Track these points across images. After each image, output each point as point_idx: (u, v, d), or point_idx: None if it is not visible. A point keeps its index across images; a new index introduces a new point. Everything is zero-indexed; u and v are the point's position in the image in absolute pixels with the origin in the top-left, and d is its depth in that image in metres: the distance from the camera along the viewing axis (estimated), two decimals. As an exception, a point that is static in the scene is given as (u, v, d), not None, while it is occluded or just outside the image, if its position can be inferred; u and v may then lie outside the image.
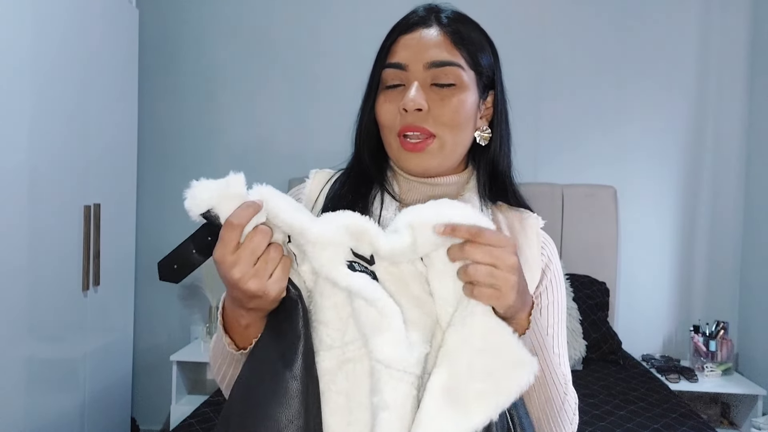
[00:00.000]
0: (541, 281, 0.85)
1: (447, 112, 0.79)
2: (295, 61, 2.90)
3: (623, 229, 2.79)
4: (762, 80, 2.69)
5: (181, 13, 2.94)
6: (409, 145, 0.79)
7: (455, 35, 0.80)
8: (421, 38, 0.80)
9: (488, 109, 0.87)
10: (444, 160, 0.82)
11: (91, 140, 2.14)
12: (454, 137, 0.80)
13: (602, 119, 2.83)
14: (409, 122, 0.78)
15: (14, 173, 1.75)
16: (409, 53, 0.80)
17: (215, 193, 0.64)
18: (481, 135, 0.85)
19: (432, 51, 0.79)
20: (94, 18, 2.13)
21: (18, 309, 1.79)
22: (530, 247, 0.85)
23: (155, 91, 2.92)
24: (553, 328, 0.85)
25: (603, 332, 2.45)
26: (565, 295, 0.89)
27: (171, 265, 0.66)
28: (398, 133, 0.80)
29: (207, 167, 2.94)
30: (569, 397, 0.80)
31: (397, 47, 0.81)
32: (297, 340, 0.65)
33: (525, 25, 2.83)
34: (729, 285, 2.80)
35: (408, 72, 0.80)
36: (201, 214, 0.64)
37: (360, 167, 0.87)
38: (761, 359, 2.58)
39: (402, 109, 0.78)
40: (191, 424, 1.80)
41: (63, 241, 1.99)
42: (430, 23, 0.81)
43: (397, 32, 0.83)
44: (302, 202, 0.88)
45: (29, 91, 1.81)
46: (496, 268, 0.63)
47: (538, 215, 0.89)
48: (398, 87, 0.81)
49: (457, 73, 0.79)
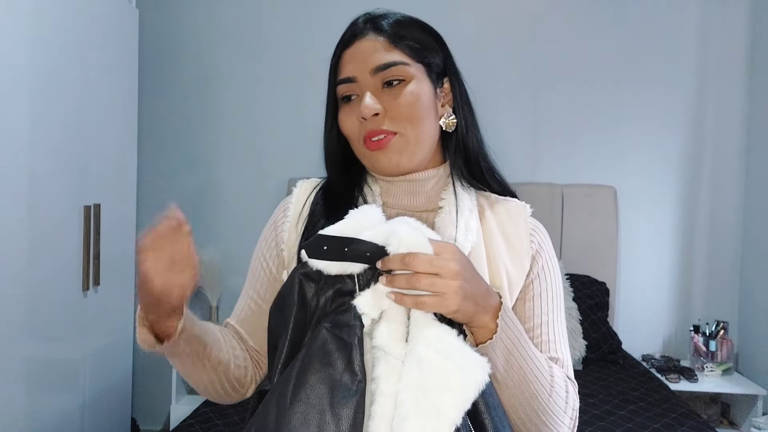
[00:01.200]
0: (531, 269, 0.86)
1: (402, 107, 0.82)
2: (295, 61, 2.90)
3: (623, 229, 2.79)
4: (762, 79, 2.69)
5: (181, 13, 2.94)
6: (372, 144, 0.82)
7: (392, 37, 0.84)
8: (361, 48, 0.84)
9: (447, 95, 0.88)
10: (413, 154, 0.84)
11: (91, 140, 2.13)
12: (415, 130, 0.83)
13: (602, 119, 2.83)
14: (370, 128, 0.82)
15: (14, 173, 1.75)
16: (354, 65, 0.84)
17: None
18: (446, 122, 0.87)
19: (373, 57, 0.83)
20: (94, 18, 2.13)
21: (18, 309, 1.79)
22: (519, 236, 0.87)
23: (155, 91, 2.92)
24: (547, 315, 0.85)
25: (603, 332, 2.45)
26: (561, 281, 0.90)
27: (322, 246, 0.69)
28: (363, 141, 0.83)
29: (207, 167, 2.94)
30: (557, 388, 0.79)
31: (342, 63, 0.86)
32: (351, 394, 0.66)
33: (523, 25, 2.83)
34: (729, 285, 2.80)
35: (358, 83, 0.83)
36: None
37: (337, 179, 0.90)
38: (761, 359, 2.58)
39: (361, 118, 0.82)
40: (191, 424, 1.80)
41: (63, 242, 1.99)
42: (367, 32, 0.85)
43: (340, 48, 0.87)
44: (290, 213, 0.91)
45: (29, 92, 1.81)
46: (438, 277, 0.66)
47: (526, 203, 0.90)
48: (354, 98, 0.84)
49: (402, 69, 0.82)
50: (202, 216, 2.92)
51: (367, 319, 0.69)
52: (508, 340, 0.74)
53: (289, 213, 0.91)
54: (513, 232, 0.87)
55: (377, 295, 0.69)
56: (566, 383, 0.82)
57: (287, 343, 0.70)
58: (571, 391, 0.82)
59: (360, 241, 0.68)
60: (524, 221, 0.88)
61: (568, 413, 0.80)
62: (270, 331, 0.77)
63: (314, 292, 0.71)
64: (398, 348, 0.67)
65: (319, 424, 0.63)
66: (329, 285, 0.71)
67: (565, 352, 0.86)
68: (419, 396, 0.63)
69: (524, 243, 0.86)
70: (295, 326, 0.71)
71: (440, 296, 0.66)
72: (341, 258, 0.68)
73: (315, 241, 0.69)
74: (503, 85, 2.80)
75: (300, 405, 0.64)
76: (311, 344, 0.68)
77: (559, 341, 0.86)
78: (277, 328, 0.75)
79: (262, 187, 2.90)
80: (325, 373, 0.66)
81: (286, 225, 0.90)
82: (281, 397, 0.66)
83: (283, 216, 0.92)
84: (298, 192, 0.93)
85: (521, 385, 0.76)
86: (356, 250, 0.68)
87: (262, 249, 0.93)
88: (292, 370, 0.67)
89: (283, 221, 0.91)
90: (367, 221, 0.71)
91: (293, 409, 0.64)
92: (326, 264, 0.69)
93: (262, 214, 3.73)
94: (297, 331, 0.71)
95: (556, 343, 0.85)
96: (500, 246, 0.85)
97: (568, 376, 0.84)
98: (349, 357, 0.66)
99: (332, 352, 0.67)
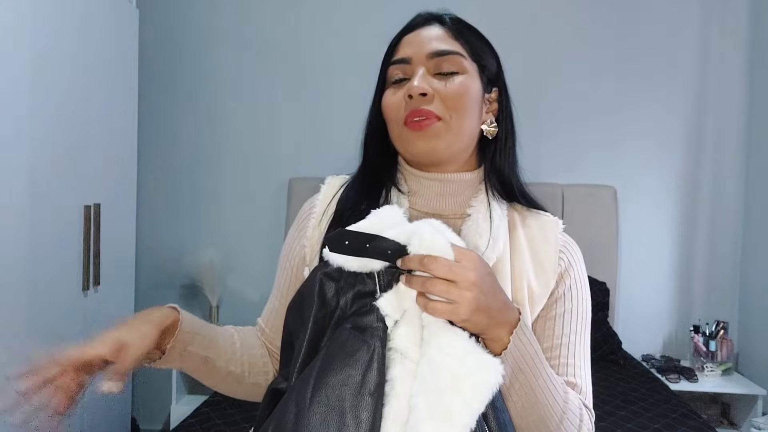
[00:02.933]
0: (558, 287, 0.83)
1: (451, 94, 0.80)
2: (295, 61, 2.90)
3: (623, 229, 2.79)
4: (762, 79, 2.69)
5: (181, 13, 2.94)
6: (414, 125, 0.79)
7: (455, 30, 0.84)
8: (423, 34, 0.84)
9: (493, 104, 0.87)
10: (451, 143, 0.81)
11: (91, 140, 2.13)
12: (459, 119, 0.80)
13: (602, 119, 2.83)
14: (415, 107, 0.79)
15: (14, 173, 1.75)
16: (412, 48, 0.83)
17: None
18: (488, 129, 0.85)
19: (433, 43, 0.82)
20: (94, 18, 2.13)
21: (18, 309, 1.79)
22: (548, 252, 0.84)
23: (155, 91, 2.92)
24: (569, 337, 0.82)
25: (603, 332, 2.45)
26: (589, 304, 0.86)
27: (344, 240, 0.67)
28: (404, 121, 0.81)
29: (207, 167, 2.94)
30: (570, 415, 0.75)
31: (400, 46, 0.85)
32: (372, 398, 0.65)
33: (525, 25, 2.83)
34: (729, 285, 2.80)
35: (412, 65, 0.82)
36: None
37: (369, 168, 0.88)
38: (761, 359, 2.58)
39: (407, 96, 0.80)
40: (191, 424, 1.80)
41: (63, 241, 1.99)
42: (431, 23, 0.85)
43: (401, 34, 0.86)
44: (315, 210, 0.90)
45: (29, 91, 1.81)
46: (454, 284, 0.64)
47: (558, 218, 0.88)
48: (404, 81, 0.83)
49: (458, 60, 0.82)
50: (202, 216, 2.93)
51: (391, 320, 0.68)
52: (521, 358, 0.71)
53: (315, 210, 0.90)
54: (542, 248, 0.84)
55: (399, 296, 0.68)
56: (581, 411, 0.78)
57: (305, 343, 0.69)
58: (586, 420, 0.78)
59: (382, 238, 0.67)
60: (555, 237, 0.85)
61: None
62: (286, 328, 0.76)
63: (334, 291, 0.70)
64: (415, 351, 0.67)
65: (338, 427, 0.62)
66: (350, 285, 0.70)
67: (585, 378, 0.82)
68: (432, 400, 0.63)
69: (552, 260, 0.83)
70: (314, 326, 0.70)
71: (452, 304, 0.64)
72: (362, 254, 0.67)
73: (337, 235, 0.68)
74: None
75: (320, 406, 0.63)
76: (332, 344, 0.67)
77: (580, 366, 0.82)
78: (294, 326, 0.74)
79: (263, 187, 2.89)
80: (346, 375, 0.65)
81: (311, 222, 0.89)
82: (300, 397, 0.64)
83: (308, 214, 0.91)
84: (326, 189, 0.91)
85: (529, 407, 0.73)
86: (377, 246, 0.67)
87: (288, 247, 0.92)
88: (311, 370, 0.66)
89: (308, 219, 0.90)
90: (390, 221, 0.70)
91: (312, 410, 0.63)
92: (346, 259, 0.68)
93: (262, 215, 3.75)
94: (316, 330, 0.70)
95: (575, 368, 0.81)
96: (526, 261, 0.83)
97: (585, 404, 0.80)
98: (370, 359, 0.65)
99: (353, 354, 0.66)
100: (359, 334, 0.67)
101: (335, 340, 0.67)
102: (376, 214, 0.71)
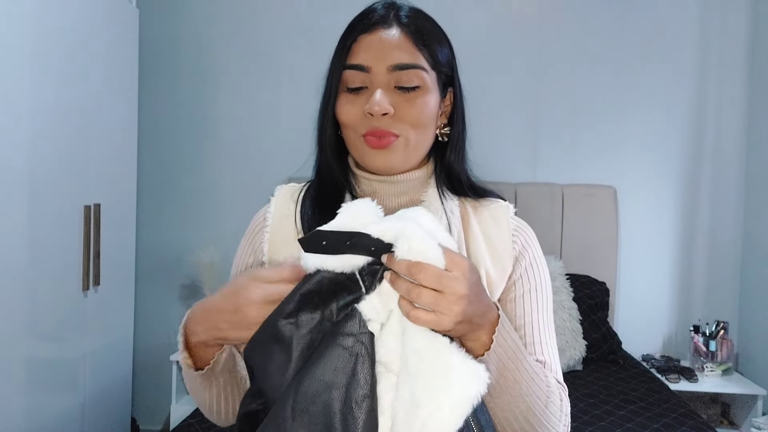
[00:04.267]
0: (514, 270, 0.84)
1: (412, 114, 0.79)
2: (295, 60, 2.90)
3: (623, 229, 2.79)
4: (762, 79, 2.69)
5: (181, 13, 2.94)
6: (374, 141, 0.79)
7: (416, 35, 0.80)
8: (383, 39, 0.79)
9: (447, 107, 0.87)
10: (407, 158, 0.82)
11: (91, 140, 2.14)
12: (417, 136, 0.81)
13: (602, 119, 2.83)
14: (375, 126, 0.78)
15: (14, 173, 1.75)
16: (371, 55, 0.79)
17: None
18: (441, 132, 0.86)
19: (395, 53, 0.78)
20: (94, 18, 2.13)
21: (18, 309, 1.79)
22: (501, 238, 0.85)
23: (155, 91, 2.92)
24: (531, 315, 0.83)
25: (603, 332, 2.45)
26: (548, 281, 0.87)
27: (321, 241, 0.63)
28: (363, 135, 0.80)
29: (207, 167, 2.94)
30: (552, 398, 0.77)
31: (358, 47, 0.80)
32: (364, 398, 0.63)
33: (524, 25, 2.83)
34: (729, 285, 2.80)
35: (371, 74, 0.79)
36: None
37: (326, 170, 0.88)
38: (761, 359, 2.58)
39: (367, 113, 0.78)
40: (191, 424, 1.80)
41: (63, 241, 1.99)
42: (391, 22, 0.80)
43: (358, 31, 0.81)
44: (268, 223, 0.88)
45: (29, 91, 1.81)
46: (442, 296, 0.61)
47: (510, 204, 0.89)
48: (361, 89, 0.80)
49: (420, 75, 0.79)
50: (202, 216, 2.93)
51: (375, 324, 0.64)
52: (504, 355, 0.71)
53: (268, 223, 0.88)
54: (495, 234, 0.84)
55: (383, 298, 0.64)
56: (560, 391, 0.80)
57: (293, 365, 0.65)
58: (564, 398, 0.80)
59: (363, 234, 0.62)
60: (506, 221, 0.86)
61: (562, 420, 0.79)
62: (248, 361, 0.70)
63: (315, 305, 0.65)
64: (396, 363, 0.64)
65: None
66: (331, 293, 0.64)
67: (552, 355, 0.84)
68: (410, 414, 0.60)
69: (506, 244, 0.84)
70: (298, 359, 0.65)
71: (437, 314, 0.61)
72: (342, 251, 0.63)
73: (313, 235, 0.63)
74: (503, 85, 2.80)
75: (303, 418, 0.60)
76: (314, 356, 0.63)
77: (546, 343, 0.83)
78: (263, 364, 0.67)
79: (263, 186, 2.89)
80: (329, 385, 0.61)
81: (266, 236, 0.87)
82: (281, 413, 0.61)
83: (261, 228, 0.88)
84: (276, 200, 0.90)
85: (516, 399, 0.73)
86: (359, 243, 0.62)
87: (240, 262, 0.90)
88: (290, 388, 0.62)
89: (261, 233, 0.88)
90: (367, 216, 0.65)
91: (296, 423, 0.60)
92: (324, 259, 0.63)
93: (262, 214, 3.64)
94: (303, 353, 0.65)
95: (542, 345, 0.83)
96: (482, 248, 0.83)
97: (558, 381, 0.82)
98: (353, 370, 0.62)
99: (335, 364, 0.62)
100: (341, 342, 0.63)
101: (317, 351, 0.63)
102: (349, 208, 0.66)
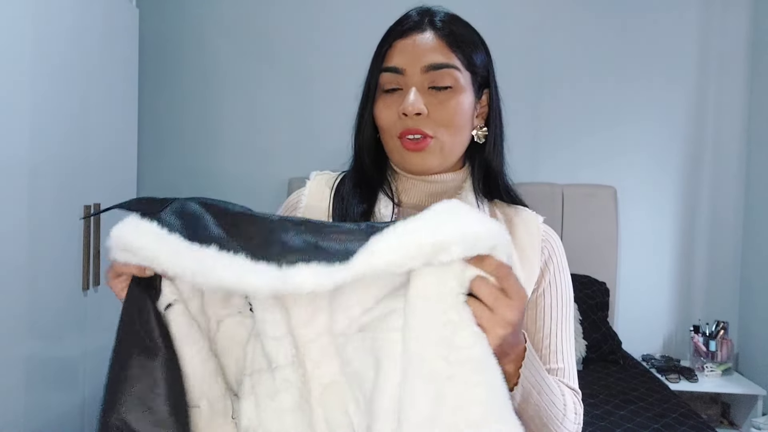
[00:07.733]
0: (544, 277, 0.85)
1: (446, 114, 0.80)
2: (295, 61, 2.90)
3: (623, 229, 2.79)
4: (762, 79, 2.69)
5: (181, 12, 2.94)
6: (410, 144, 0.81)
7: (450, 38, 0.82)
8: (417, 42, 0.81)
9: (483, 108, 0.88)
10: (444, 160, 0.83)
11: (91, 140, 2.13)
12: (452, 138, 0.82)
13: (602, 119, 2.83)
14: (409, 126, 0.80)
15: (14, 173, 1.75)
16: (406, 57, 0.81)
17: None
18: (478, 133, 0.87)
19: (428, 55, 0.80)
20: (94, 18, 2.13)
21: (18, 309, 1.79)
22: (531, 242, 0.85)
23: (155, 91, 2.92)
24: (557, 326, 0.85)
25: (603, 332, 2.45)
26: (571, 289, 0.88)
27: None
28: (398, 136, 0.81)
29: (207, 167, 2.94)
30: (568, 413, 0.78)
31: (393, 52, 0.83)
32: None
33: (524, 25, 2.83)
34: (729, 285, 2.80)
35: (405, 76, 0.81)
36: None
37: (361, 170, 0.88)
38: (761, 359, 2.58)
39: (401, 114, 0.80)
40: (191, 424, 1.80)
41: (63, 241, 1.99)
42: (425, 27, 0.82)
43: (393, 37, 0.84)
44: (302, 204, 0.89)
45: (29, 91, 1.81)
46: (492, 314, 0.59)
47: (538, 214, 0.89)
48: (396, 91, 0.82)
49: (453, 75, 0.81)
50: (202, 216, 2.92)
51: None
52: (530, 387, 0.70)
53: (302, 204, 0.89)
54: (526, 239, 0.85)
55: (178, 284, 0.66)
56: (574, 404, 0.81)
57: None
58: (579, 410, 0.82)
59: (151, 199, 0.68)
60: (536, 228, 0.87)
61: (575, 424, 0.81)
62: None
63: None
64: (307, 330, 0.64)
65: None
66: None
67: (570, 361, 0.85)
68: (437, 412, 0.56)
69: (535, 251, 0.85)
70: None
71: (488, 322, 0.59)
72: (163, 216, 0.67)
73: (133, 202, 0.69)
74: (503, 85, 2.77)
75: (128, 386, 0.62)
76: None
77: (566, 350, 0.85)
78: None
79: (263, 186, 2.90)
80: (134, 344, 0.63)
81: (299, 214, 0.88)
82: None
83: (295, 208, 0.90)
84: (311, 184, 0.91)
85: (534, 419, 0.74)
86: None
87: None
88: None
89: (294, 212, 0.89)
90: (462, 209, 0.59)
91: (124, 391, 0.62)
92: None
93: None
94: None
95: (562, 353, 0.85)
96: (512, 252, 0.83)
97: (572, 387, 0.84)
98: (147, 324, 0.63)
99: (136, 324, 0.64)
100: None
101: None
102: (441, 205, 0.60)
